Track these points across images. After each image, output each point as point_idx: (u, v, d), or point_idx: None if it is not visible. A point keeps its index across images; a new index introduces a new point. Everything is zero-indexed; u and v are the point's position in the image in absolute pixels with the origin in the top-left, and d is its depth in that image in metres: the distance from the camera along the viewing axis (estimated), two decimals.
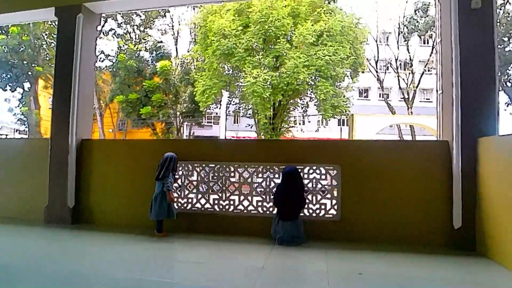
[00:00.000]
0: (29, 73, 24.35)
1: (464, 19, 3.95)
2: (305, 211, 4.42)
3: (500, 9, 19.88)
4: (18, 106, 27.09)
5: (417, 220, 4.11)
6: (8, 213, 5.34)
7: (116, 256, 3.63)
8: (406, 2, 24.94)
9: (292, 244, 4.00)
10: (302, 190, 4.25)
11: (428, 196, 4.12)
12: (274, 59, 18.86)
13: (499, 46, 19.52)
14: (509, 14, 20.24)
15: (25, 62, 23.88)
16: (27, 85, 25.45)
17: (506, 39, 20.47)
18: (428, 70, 25.37)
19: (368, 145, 4.68)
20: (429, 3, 23.65)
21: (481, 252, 3.69)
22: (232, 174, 4.71)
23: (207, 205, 4.73)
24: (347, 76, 20.78)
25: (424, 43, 27.99)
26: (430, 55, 24.38)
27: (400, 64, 26.89)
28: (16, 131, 32.32)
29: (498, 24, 18.52)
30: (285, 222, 4.09)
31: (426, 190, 4.13)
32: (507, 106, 22.51)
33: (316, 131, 24.97)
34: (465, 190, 3.84)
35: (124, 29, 26.53)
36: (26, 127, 27.95)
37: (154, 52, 25.36)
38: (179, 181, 4.80)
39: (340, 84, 20.30)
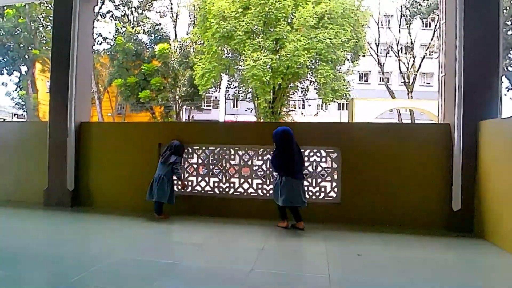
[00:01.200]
0: (26, 56, 24.09)
1: (469, 1, 3.87)
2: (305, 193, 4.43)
3: None
4: (16, 90, 26.90)
5: (416, 203, 4.12)
6: (7, 196, 5.34)
7: (118, 238, 3.65)
8: None
9: (296, 206, 3.95)
10: (299, 150, 4.11)
11: (428, 179, 4.12)
12: (274, 42, 18.65)
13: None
14: None
15: (21, 45, 23.60)
16: (24, 68, 25.22)
17: (509, 22, 20.19)
18: (429, 54, 25.15)
19: (368, 128, 4.66)
20: None
21: (479, 234, 3.72)
22: (232, 157, 4.71)
23: (207, 188, 4.73)
24: (348, 60, 20.60)
25: (426, 26, 27.66)
26: (432, 39, 24.12)
27: (401, 48, 26.62)
28: (14, 115, 32.18)
29: None
30: (293, 180, 3.93)
31: (426, 172, 4.13)
32: (508, 90, 22.39)
33: (315, 115, 24.92)
34: (465, 173, 3.84)
35: (122, 11, 26.10)
36: (24, 111, 27.84)
37: (153, 35, 25.04)
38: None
39: (340, 68, 20.13)
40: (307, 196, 4.39)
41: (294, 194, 3.90)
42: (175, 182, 4.50)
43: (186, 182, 4.77)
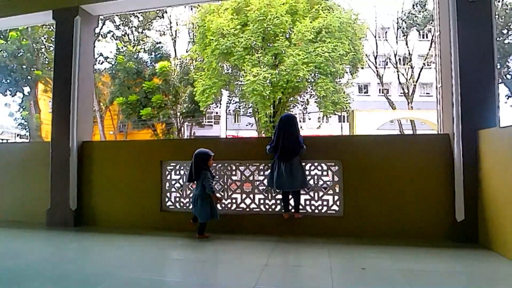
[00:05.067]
0: (29, 77, 24.41)
1: (463, 12, 3.93)
2: (307, 207, 4.42)
3: (499, 2, 19.82)
4: (19, 111, 27.20)
5: (419, 214, 4.10)
6: (10, 217, 5.35)
7: (122, 257, 3.63)
8: None
9: (297, 188, 4.21)
10: (298, 133, 4.28)
11: (430, 190, 4.11)
12: (273, 57, 18.87)
13: (498, 39, 19.49)
14: (507, 6, 20.17)
15: (24, 66, 23.94)
16: (26, 89, 25.52)
17: (505, 31, 20.40)
18: (427, 65, 25.34)
19: (369, 140, 4.67)
20: None
21: (484, 244, 3.69)
22: (234, 173, 4.71)
23: None
24: (347, 72, 20.78)
25: (423, 37, 27.99)
26: (429, 49, 24.34)
27: (399, 59, 26.87)
28: (17, 135, 32.40)
29: (496, 16, 18.50)
30: (286, 163, 4.15)
31: (428, 183, 4.12)
32: (508, 98, 22.47)
33: (317, 128, 24.98)
34: (467, 183, 3.83)
35: (122, 31, 26.56)
36: (27, 132, 28.04)
37: (153, 53, 25.40)
38: (180, 180, 4.81)
39: (339, 81, 20.29)
40: (309, 211, 4.41)
41: (286, 178, 4.13)
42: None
43: (188, 199, 4.74)
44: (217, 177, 4.74)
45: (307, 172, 4.45)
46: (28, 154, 5.63)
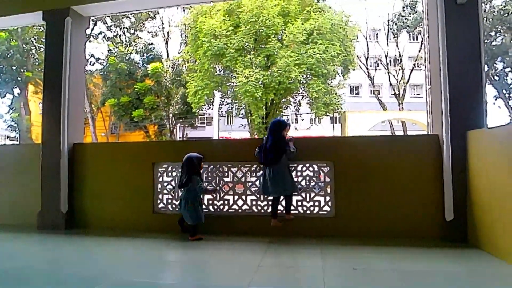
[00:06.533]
0: (19, 78, 24.13)
1: (451, 14, 4.00)
2: (299, 208, 4.44)
3: (486, 4, 20.13)
4: (8, 112, 26.82)
5: (410, 214, 4.15)
6: (0, 220, 5.28)
7: (113, 260, 3.62)
8: None
9: (282, 194, 4.22)
10: (283, 138, 4.25)
11: (420, 190, 4.16)
12: (266, 59, 18.91)
13: (486, 41, 19.79)
14: (495, 9, 20.50)
15: (14, 67, 23.67)
16: (17, 90, 25.25)
17: (492, 33, 20.73)
18: (418, 66, 25.64)
19: (359, 141, 4.71)
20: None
21: (473, 243, 3.74)
22: (226, 174, 4.71)
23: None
24: (338, 74, 20.91)
25: (413, 39, 28.30)
26: (419, 51, 24.65)
27: (390, 60, 27.12)
28: (7, 137, 31.96)
29: (484, 19, 18.79)
30: (271, 169, 4.17)
31: (418, 184, 4.17)
32: (496, 99, 22.84)
33: (308, 129, 25.10)
34: (456, 183, 3.89)
35: (114, 32, 26.39)
36: (17, 134, 27.67)
37: (145, 55, 25.29)
38: (172, 182, 4.80)
39: (331, 82, 20.41)
40: (301, 211, 4.43)
41: (270, 184, 4.15)
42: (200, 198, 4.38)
43: (179, 201, 4.71)
44: (209, 178, 4.74)
45: (298, 173, 4.48)
46: (19, 156, 5.57)
